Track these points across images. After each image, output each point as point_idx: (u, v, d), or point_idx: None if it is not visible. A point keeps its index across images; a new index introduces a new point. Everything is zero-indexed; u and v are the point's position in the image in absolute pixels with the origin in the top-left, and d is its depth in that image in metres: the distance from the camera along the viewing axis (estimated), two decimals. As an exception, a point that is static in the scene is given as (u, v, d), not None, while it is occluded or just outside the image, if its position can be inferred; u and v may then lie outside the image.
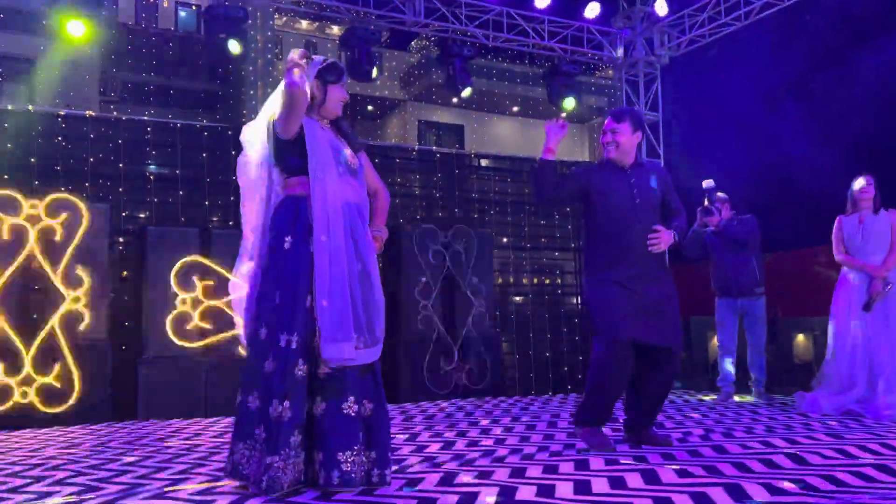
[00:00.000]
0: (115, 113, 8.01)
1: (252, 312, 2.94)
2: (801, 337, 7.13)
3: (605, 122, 4.10)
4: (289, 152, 2.97)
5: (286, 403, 2.77)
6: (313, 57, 3.05)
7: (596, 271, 3.97)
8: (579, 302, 8.77)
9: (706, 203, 6.08)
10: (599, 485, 3.00)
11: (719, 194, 6.28)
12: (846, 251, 5.37)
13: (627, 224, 3.90)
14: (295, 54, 2.94)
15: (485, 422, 5.33)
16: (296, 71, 2.86)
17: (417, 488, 2.97)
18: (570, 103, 9.27)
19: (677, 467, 3.31)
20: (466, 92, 8.85)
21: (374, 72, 8.35)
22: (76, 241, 6.01)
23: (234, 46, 7.72)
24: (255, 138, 3.08)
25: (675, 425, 4.84)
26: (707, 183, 5.87)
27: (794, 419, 5.00)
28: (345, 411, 2.85)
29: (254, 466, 2.78)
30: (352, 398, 2.87)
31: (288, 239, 2.90)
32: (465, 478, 3.19)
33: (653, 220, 3.95)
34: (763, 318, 6.40)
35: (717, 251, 6.44)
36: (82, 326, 5.94)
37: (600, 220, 3.99)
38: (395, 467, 3.37)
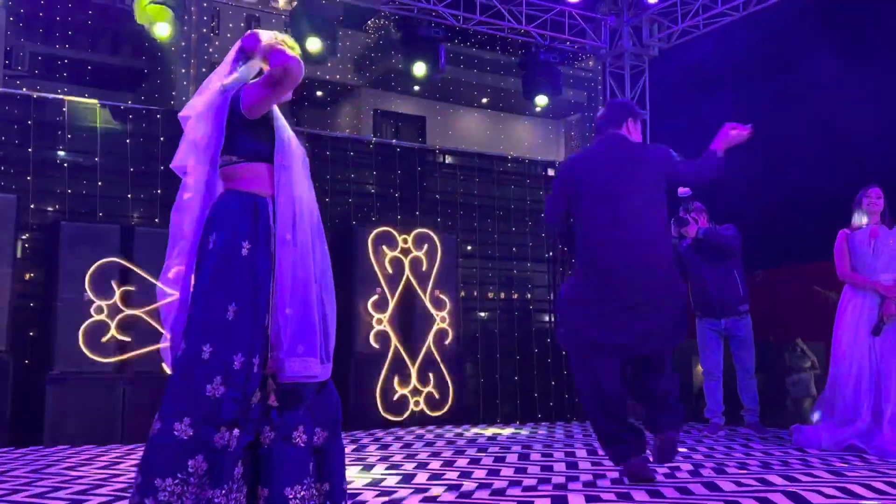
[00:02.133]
0: (23, 89, 7.83)
1: (188, 326, 2.84)
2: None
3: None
4: (251, 134, 2.89)
5: (235, 432, 2.72)
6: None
7: None
8: (552, 320, 8.85)
9: (681, 213, 6.20)
10: (581, 524, 3.03)
11: (696, 203, 6.41)
12: (853, 269, 5.49)
13: None
14: (269, 36, 2.94)
15: (447, 452, 5.33)
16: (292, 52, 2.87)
17: (375, 526, 2.97)
18: (542, 100, 9.38)
19: (666, 505, 3.35)
20: (421, 70, 8.78)
21: (316, 45, 8.21)
22: (-25, 236, 5.87)
23: (161, 29, 7.53)
24: (204, 115, 2.97)
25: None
26: (682, 191, 5.97)
27: (790, 454, 5.11)
28: (294, 440, 2.81)
29: (188, 503, 2.72)
30: (301, 427, 2.84)
31: (246, 244, 2.81)
32: (428, 515, 3.19)
33: None
34: (750, 338, 6.52)
35: (696, 266, 6.53)
36: (-21, 336, 5.79)
37: None
38: (349, 502, 3.34)
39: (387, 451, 5.42)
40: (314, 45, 8.14)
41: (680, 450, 5.42)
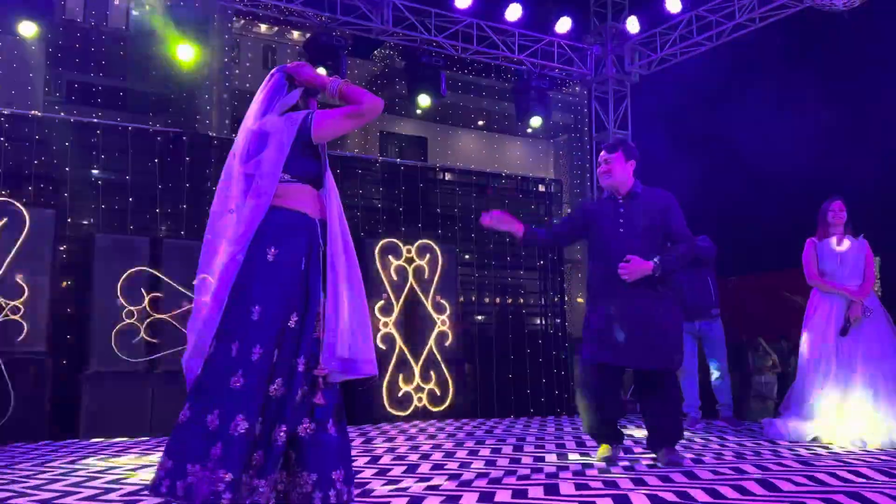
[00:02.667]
0: (61, 114, 7.83)
1: (258, 332, 2.74)
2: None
3: (601, 154, 4.43)
4: (306, 157, 2.89)
5: (284, 427, 2.72)
6: (299, 69, 3.03)
7: (590, 301, 4.34)
8: (544, 323, 8.84)
9: None
10: (571, 510, 3.01)
11: None
12: (820, 274, 5.49)
13: (611, 254, 4.17)
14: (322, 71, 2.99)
15: (448, 444, 5.32)
16: None
17: (383, 512, 2.95)
18: (536, 121, 9.40)
19: (648, 492, 3.34)
20: (425, 101, 8.82)
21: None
22: (17, 247, 5.87)
23: (186, 52, 7.45)
24: (271, 136, 2.89)
25: (644, 450, 4.90)
26: None
27: (762, 445, 5.10)
28: (329, 430, 2.83)
29: (245, 490, 2.70)
30: (331, 419, 2.86)
31: (303, 261, 2.84)
32: (432, 502, 3.18)
33: (639, 249, 4.10)
34: (722, 339, 6.52)
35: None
36: (20, 338, 5.78)
37: (593, 252, 4.36)
38: (357, 490, 3.34)
39: (392, 444, 5.40)
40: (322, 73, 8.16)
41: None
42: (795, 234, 5.81)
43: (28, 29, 7.00)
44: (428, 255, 7.64)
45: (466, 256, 8.58)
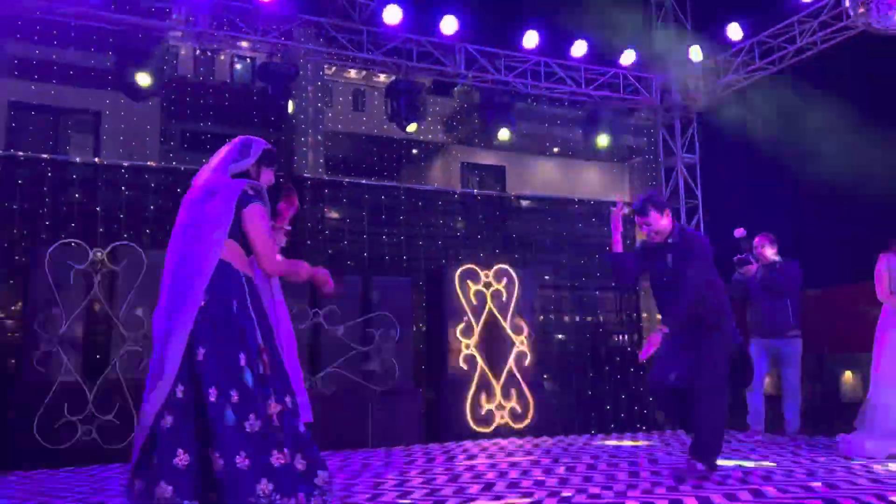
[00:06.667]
0: (174, 163, 8.32)
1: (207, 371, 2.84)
2: (848, 374, 6.96)
3: (636, 218, 4.42)
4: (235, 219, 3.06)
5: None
6: (254, 141, 3.18)
7: None
8: (621, 339, 8.73)
9: (741, 254, 6.10)
10: (634, 529, 2.99)
11: (758, 238, 6.27)
12: (893, 291, 5.26)
13: (658, 302, 4.47)
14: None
15: (525, 462, 5.32)
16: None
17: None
18: (603, 140, 9.24)
19: (713, 512, 3.28)
20: (505, 135, 8.89)
21: (413, 126, 8.42)
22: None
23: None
24: (220, 195, 3.04)
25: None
26: (737, 232, 5.91)
27: (836, 461, 4.89)
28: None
29: None
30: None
31: (234, 303, 3.01)
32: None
33: (674, 298, 4.25)
34: (797, 359, 6.30)
35: (756, 295, 6.41)
36: None
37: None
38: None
39: (473, 462, 5.44)
40: (411, 126, 8.37)
41: (733, 456, 5.21)
42: (876, 248, 5.57)
43: (144, 80, 7.26)
44: (505, 280, 7.67)
45: (546, 277, 8.58)
